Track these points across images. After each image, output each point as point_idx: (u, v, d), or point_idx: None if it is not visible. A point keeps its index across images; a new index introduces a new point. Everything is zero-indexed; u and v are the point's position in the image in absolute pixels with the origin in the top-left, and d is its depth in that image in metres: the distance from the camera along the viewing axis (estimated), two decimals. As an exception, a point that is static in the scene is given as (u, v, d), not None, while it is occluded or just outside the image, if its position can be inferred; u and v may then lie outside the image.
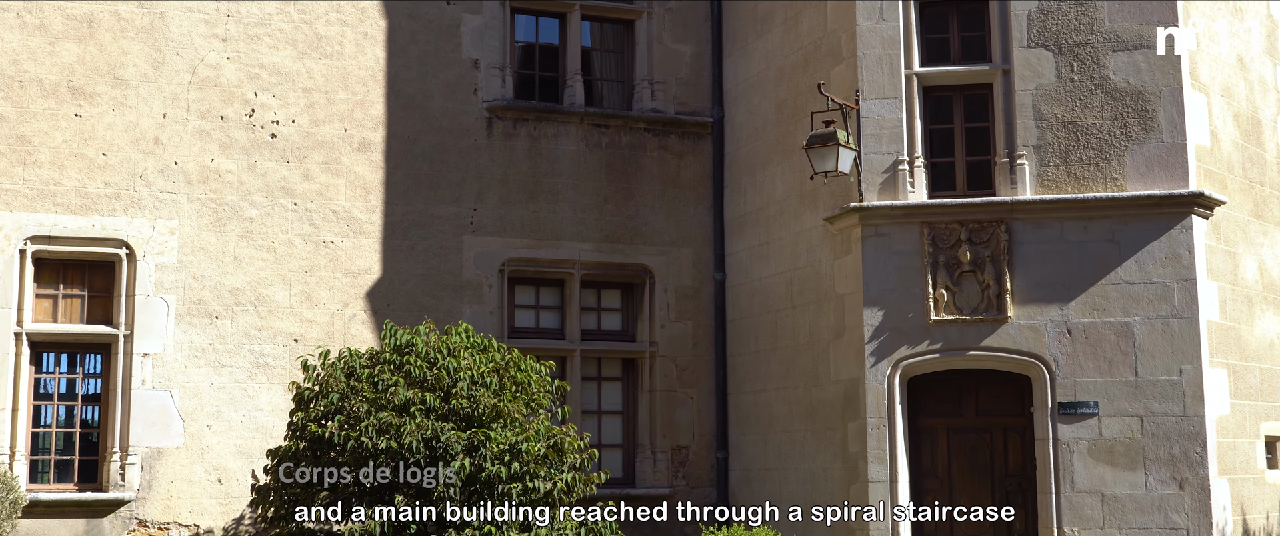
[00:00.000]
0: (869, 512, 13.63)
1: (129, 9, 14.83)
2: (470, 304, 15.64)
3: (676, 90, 16.86)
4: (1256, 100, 15.14)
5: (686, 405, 16.43)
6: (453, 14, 16.04)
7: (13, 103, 14.36)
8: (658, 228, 16.59)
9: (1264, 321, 14.71)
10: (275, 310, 14.96)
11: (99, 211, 14.48)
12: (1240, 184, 14.55)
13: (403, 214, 15.58)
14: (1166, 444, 13.26)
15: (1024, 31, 13.99)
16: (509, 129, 16.13)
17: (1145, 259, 13.52)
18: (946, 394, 14.06)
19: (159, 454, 14.39)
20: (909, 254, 13.90)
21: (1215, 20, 14.51)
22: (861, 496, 13.80)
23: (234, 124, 15.06)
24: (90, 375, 14.69)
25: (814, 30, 15.14)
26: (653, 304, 16.47)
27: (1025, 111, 13.89)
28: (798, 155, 14.80)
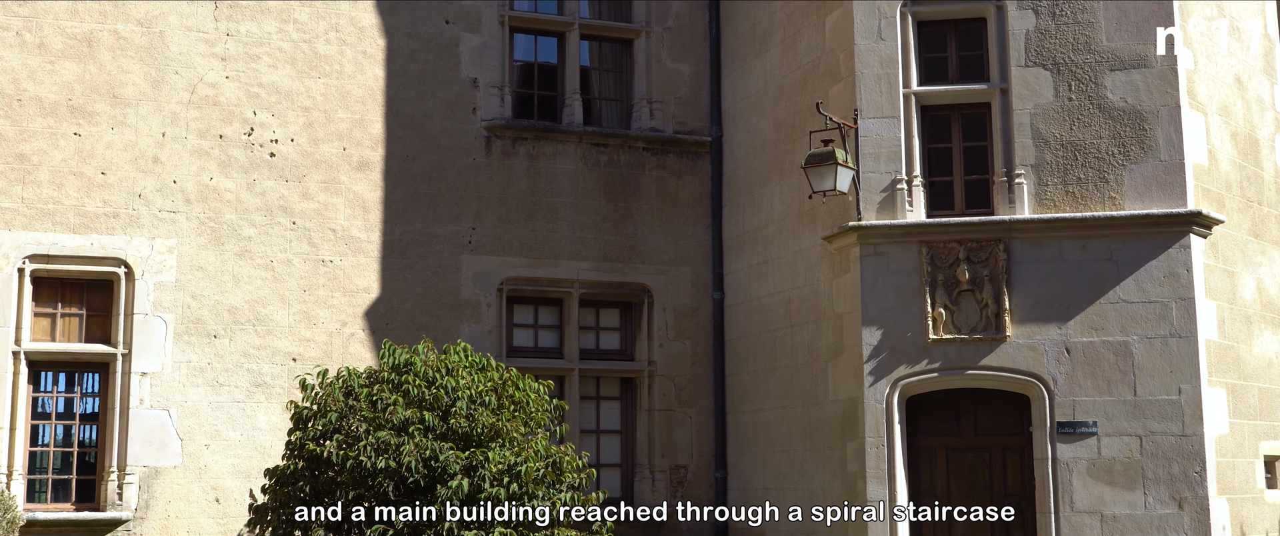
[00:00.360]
0: (869, 513, 13.66)
1: (129, 28, 14.85)
2: (469, 323, 15.64)
3: (675, 109, 16.88)
4: (1254, 119, 15.16)
5: (685, 424, 16.41)
6: (451, 33, 16.06)
7: (12, 121, 14.37)
8: (656, 247, 16.60)
9: (1262, 340, 14.71)
10: (274, 329, 14.95)
11: (98, 230, 14.48)
12: (1238, 203, 14.56)
13: (401, 233, 15.58)
14: (1166, 463, 13.24)
15: (1022, 51, 14.01)
16: (508, 148, 16.15)
17: (1144, 278, 13.53)
18: (945, 413, 14.05)
19: (157, 473, 14.37)
20: (907, 273, 13.90)
21: (1213, 39, 14.53)
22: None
23: (233, 143, 15.07)
24: (88, 394, 14.67)
25: (812, 50, 15.16)
26: (651, 323, 16.47)
27: (1023, 130, 13.90)
28: (796, 174, 14.80)
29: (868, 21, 14.38)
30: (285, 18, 15.44)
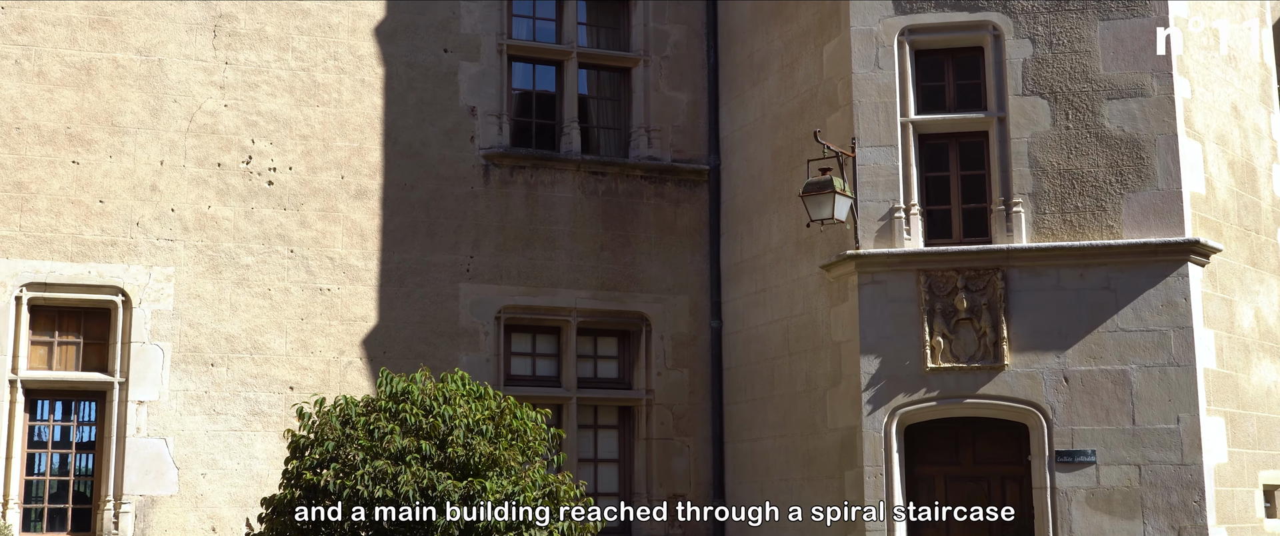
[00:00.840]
0: (868, 513, 13.63)
1: (128, 57, 14.88)
2: (466, 351, 15.62)
3: (673, 138, 16.90)
4: (1251, 148, 15.18)
5: (683, 453, 16.37)
6: (450, 62, 16.09)
7: (10, 149, 14.38)
8: (654, 275, 16.59)
9: (1261, 369, 14.69)
10: (271, 358, 14.93)
11: (95, 258, 14.47)
12: (1236, 231, 14.57)
13: (399, 261, 15.57)
14: (1165, 493, 13.21)
15: (1019, 79, 14.04)
16: (506, 176, 16.16)
17: (1142, 307, 13.52)
18: (944, 442, 14.02)
19: (153, 502, 14.32)
20: (905, 301, 13.89)
21: (1210, 68, 14.57)
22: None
23: (231, 171, 15.08)
24: (85, 423, 14.64)
25: (810, 78, 15.19)
26: (649, 351, 16.44)
27: (1021, 159, 13.92)
28: (794, 203, 14.81)
29: (865, 50, 14.41)
30: (284, 46, 15.47)
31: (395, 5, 15.97)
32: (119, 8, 14.89)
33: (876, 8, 14.41)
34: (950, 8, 14.32)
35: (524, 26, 16.91)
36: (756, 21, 16.38)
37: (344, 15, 15.74)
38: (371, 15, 15.86)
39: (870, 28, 14.38)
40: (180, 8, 15.11)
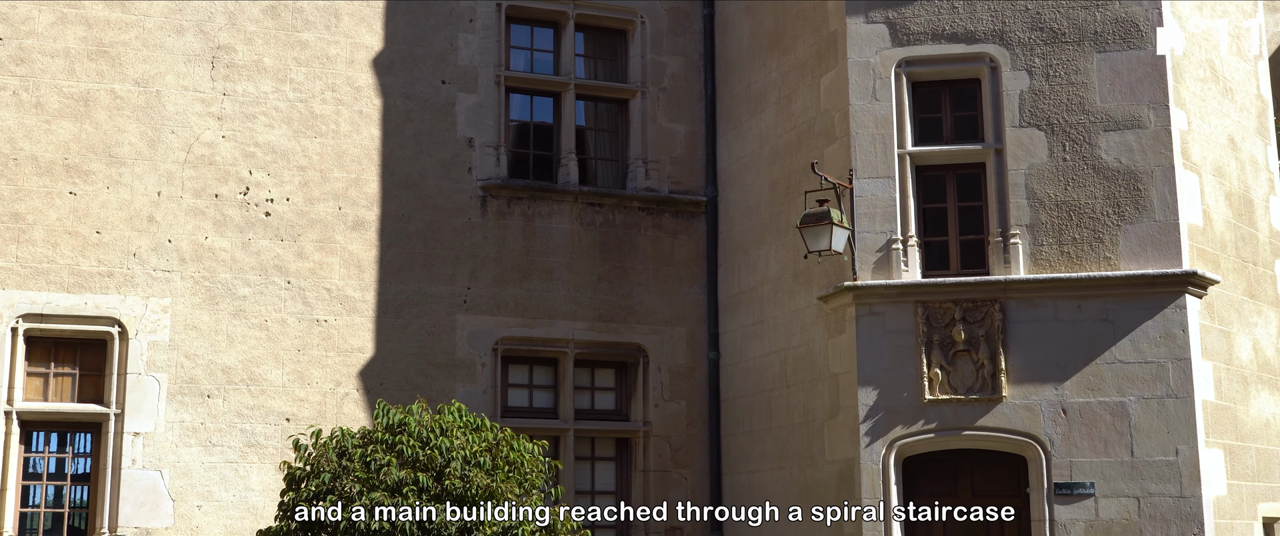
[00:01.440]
0: (869, 512, 13.57)
1: (125, 88, 14.89)
2: (463, 383, 15.58)
3: (670, 169, 16.91)
4: (1248, 179, 15.20)
5: (680, 485, 16.32)
6: (448, 93, 16.12)
7: (7, 180, 14.37)
8: (652, 306, 16.57)
9: (1259, 401, 14.67)
10: (267, 389, 14.89)
11: (92, 289, 14.45)
12: (1233, 263, 14.57)
13: (396, 292, 15.55)
14: (1164, 525, 13.16)
15: (1016, 111, 14.06)
16: (503, 207, 16.16)
17: (1139, 338, 13.50)
18: (942, 474, 13.97)
19: (148, 535, 14.25)
20: (903, 333, 13.88)
21: (1206, 101, 14.60)
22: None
23: (228, 202, 15.07)
24: (80, 454, 14.59)
25: (807, 110, 15.21)
26: (646, 383, 16.41)
27: (1018, 191, 13.93)
28: (791, 234, 14.81)
29: (862, 82, 14.43)
30: (282, 77, 15.48)
31: (393, 37, 16.00)
32: (117, 39, 14.91)
33: (874, 40, 14.45)
34: (947, 40, 14.35)
35: (522, 58, 16.95)
36: (754, 53, 16.42)
37: (342, 47, 15.77)
38: (370, 47, 15.88)
39: (868, 60, 14.42)
40: (178, 39, 15.13)
